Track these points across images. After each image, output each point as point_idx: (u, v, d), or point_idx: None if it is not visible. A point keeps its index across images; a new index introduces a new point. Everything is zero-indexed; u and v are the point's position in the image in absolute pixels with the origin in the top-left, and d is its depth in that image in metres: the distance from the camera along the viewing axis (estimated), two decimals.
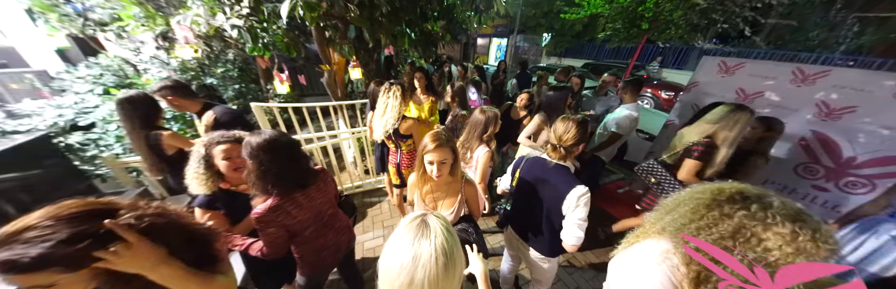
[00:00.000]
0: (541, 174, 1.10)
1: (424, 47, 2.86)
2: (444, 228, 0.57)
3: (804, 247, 0.50)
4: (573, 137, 1.02)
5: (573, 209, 0.98)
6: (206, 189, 0.96)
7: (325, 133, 2.37)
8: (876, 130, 1.66)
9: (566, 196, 0.98)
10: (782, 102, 1.97)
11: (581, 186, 0.97)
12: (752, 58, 2.12)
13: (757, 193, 0.58)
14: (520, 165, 1.21)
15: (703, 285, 0.57)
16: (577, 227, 0.99)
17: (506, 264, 1.57)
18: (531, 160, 1.17)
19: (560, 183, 1.02)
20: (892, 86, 1.61)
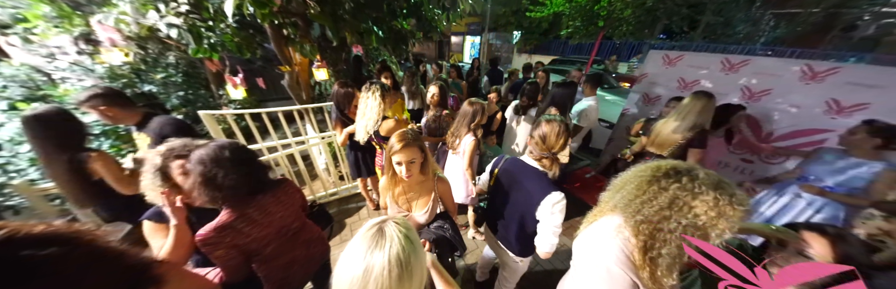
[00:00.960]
0: (518, 177, 1.08)
1: (395, 46, 2.78)
2: (403, 236, 0.55)
3: (724, 211, 0.57)
4: (561, 143, 0.97)
5: (548, 216, 0.97)
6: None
7: (292, 140, 2.24)
8: (787, 108, 1.95)
9: (541, 202, 0.96)
10: (715, 88, 2.23)
11: (556, 192, 0.95)
12: (691, 50, 2.39)
13: (686, 167, 0.65)
14: (498, 164, 1.20)
15: (649, 252, 0.64)
16: (552, 234, 0.98)
17: (487, 252, 1.62)
18: (510, 161, 1.15)
19: (535, 189, 0.99)
20: (797, 71, 1.90)
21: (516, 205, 1.08)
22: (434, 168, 1.11)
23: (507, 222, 1.16)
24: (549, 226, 0.98)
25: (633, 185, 0.69)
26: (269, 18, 1.80)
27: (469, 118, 1.70)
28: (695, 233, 0.60)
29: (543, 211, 0.98)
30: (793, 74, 1.92)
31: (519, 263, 1.23)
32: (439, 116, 2.07)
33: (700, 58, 2.34)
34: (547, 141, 0.97)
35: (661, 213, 0.63)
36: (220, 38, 2.05)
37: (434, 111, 2.11)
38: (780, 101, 1.96)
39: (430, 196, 1.10)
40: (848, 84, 1.75)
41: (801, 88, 1.89)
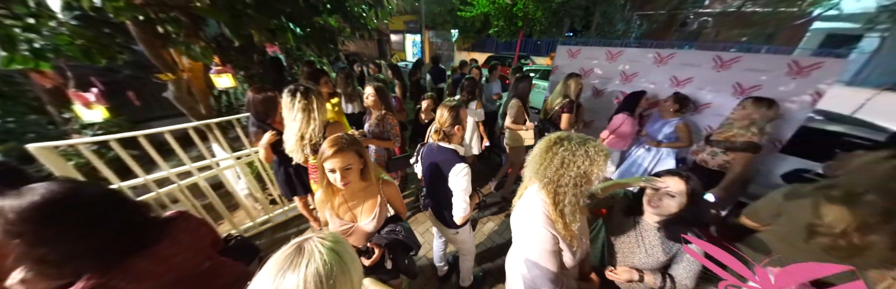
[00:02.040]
0: (433, 157, 1.16)
1: (319, 44, 2.33)
2: (327, 250, 0.47)
3: (595, 159, 0.70)
4: (447, 120, 1.11)
5: (456, 184, 1.05)
6: None
7: (191, 166, 1.72)
8: (647, 85, 2.48)
9: (450, 174, 1.05)
10: (603, 74, 2.70)
11: (460, 163, 1.06)
12: (587, 45, 2.83)
13: (565, 135, 0.76)
14: (420, 153, 1.29)
15: (557, 205, 0.75)
16: (461, 200, 1.07)
17: (437, 243, 1.65)
18: (427, 146, 1.23)
19: (445, 163, 1.08)
20: (651, 57, 2.42)
21: (437, 181, 1.14)
22: (377, 172, 1.04)
23: (436, 199, 1.23)
24: (458, 192, 1.05)
25: (538, 156, 0.79)
26: (127, 13, 1.33)
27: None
28: (581, 180, 0.72)
29: (452, 181, 1.05)
30: (649, 59, 2.44)
31: (457, 234, 1.29)
32: (382, 119, 1.88)
33: (592, 51, 2.78)
34: (441, 120, 1.12)
35: (557, 172, 0.73)
36: (51, 42, 1.41)
37: (376, 114, 1.91)
38: (644, 80, 2.49)
39: (375, 201, 1.01)
40: (681, 65, 2.31)
41: (655, 69, 2.42)
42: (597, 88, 2.84)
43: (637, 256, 0.92)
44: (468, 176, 1.05)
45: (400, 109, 2.49)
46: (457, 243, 1.40)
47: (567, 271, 0.85)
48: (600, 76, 2.74)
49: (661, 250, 0.88)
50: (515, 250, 0.93)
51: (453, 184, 1.07)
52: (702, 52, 2.23)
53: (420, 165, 1.35)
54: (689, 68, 2.28)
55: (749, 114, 1.68)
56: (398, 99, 2.52)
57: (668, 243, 0.87)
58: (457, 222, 1.13)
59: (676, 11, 9.25)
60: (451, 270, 1.75)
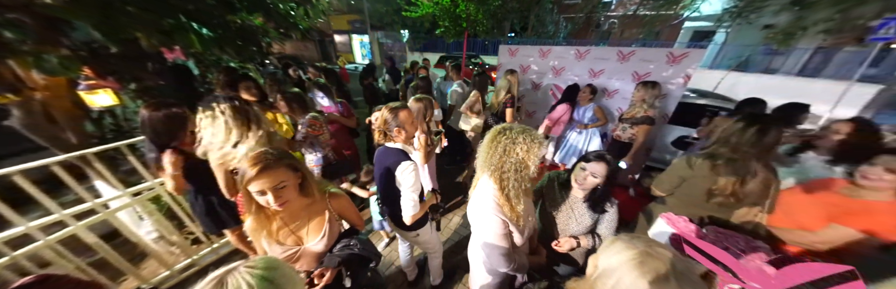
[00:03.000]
0: (383, 160, 1.11)
1: (238, 47, 1.92)
2: (258, 280, 0.42)
3: (531, 147, 0.76)
4: (383, 123, 1.08)
5: (402, 182, 1.01)
6: None
7: (63, 214, 1.23)
8: (572, 77, 2.82)
9: (396, 173, 1.01)
10: (538, 69, 2.98)
11: (406, 161, 1.01)
12: (524, 45, 3.08)
13: (508, 126, 0.81)
14: (374, 157, 1.20)
15: (504, 191, 0.80)
16: (409, 198, 1.02)
17: (402, 248, 1.55)
18: (378, 151, 1.16)
19: (392, 163, 1.04)
20: (573, 53, 2.74)
21: (389, 185, 1.08)
22: (322, 185, 0.90)
23: (392, 202, 1.14)
24: (405, 189, 1.00)
25: (485, 146, 0.82)
26: None
27: (420, 115, 1.60)
28: (520, 166, 0.77)
29: (399, 179, 1.01)
30: (572, 55, 2.76)
31: (418, 236, 1.23)
32: (317, 124, 1.67)
33: (527, 49, 3.03)
34: (378, 123, 1.09)
35: (501, 160, 0.77)
36: None
37: (299, 120, 1.69)
38: (569, 74, 2.82)
39: (323, 217, 0.86)
40: (596, 59, 2.67)
41: (577, 64, 2.76)
42: (534, 81, 3.12)
43: (571, 225, 1.06)
44: (414, 172, 1.01)
45: (348, 114, 2.24)
46: (421, 245, 1.32)
47: (518, 248, 0.90)
48: (536, 71, 3.02)
49: (589, 217, 1.05)
50: (474, 238, 0.95)
51: (400, 182, 1.02)
52: (609, 48, 2.61)
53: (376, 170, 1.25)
54: (602, 61, 2.65)
55: (642, 95, 2.06)
56: (345, 104, 2.27)
57: (592, 211, 1.04)
58: (406, 222, 1.06)
59: (592, 15, 10.44)
60: (422, 272, 1.67)
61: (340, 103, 2.22)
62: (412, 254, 1.57)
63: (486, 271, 0.98)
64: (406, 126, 1.08)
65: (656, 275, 0.43)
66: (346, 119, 2.24)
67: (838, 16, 6.29)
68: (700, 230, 1.01)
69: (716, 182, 1.06)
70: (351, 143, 2.38)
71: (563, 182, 1.10)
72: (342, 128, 2.24)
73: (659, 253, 0.46)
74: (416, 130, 1.16)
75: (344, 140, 2.28)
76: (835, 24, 6.41)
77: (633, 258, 0.46)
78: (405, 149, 1.11)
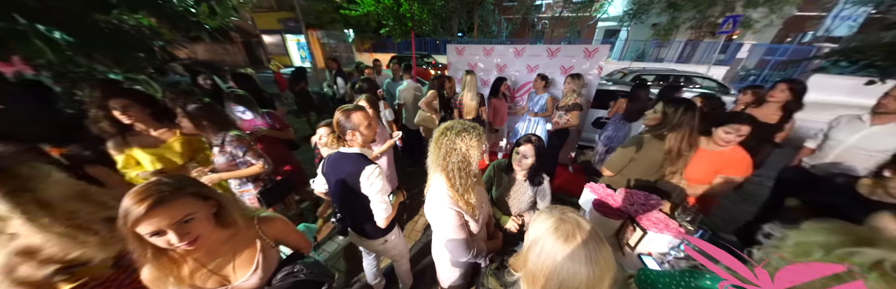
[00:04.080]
0: (340, 167, 0.99)
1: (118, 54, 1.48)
2: None
3: (471, 143, 0.76)
4: (336, 124, 0.98)
5: (369, 187, 0.93)
6: None
7: None
8: (514, 73, 2.98)
9: (361, 179, 0.92)
10: (484, 67, 3.07)
11: (370, 165, 0.93)
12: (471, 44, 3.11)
13: (451, 124, 0.80)
14: (324, 163, 1.05)
15: (454, 185, 0.80)
16: (379, 201, 0.95)
17: (367, 261, 1.37)
18: (329, 158, 1.04)
19: (354, 169, 0.94)
20: (512, 51, 2.88)
21: (348, 194, 0.98)
22: (248, 211, 0.74)
23: (353, 213, 1.05)
24: (374, 194, 0.93)
25: (431, 147, 0.81)
26: None
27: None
28: (463, 164, 0.77)
29: (365, 185, 0.92)
30: (511, 53, 2.89)
31: (387, 242, 1.12)
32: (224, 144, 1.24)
33: (473, 48, 3.08)
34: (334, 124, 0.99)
35: (447, 157, 0.77)
36: None
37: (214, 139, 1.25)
38: (511, 69, 2.97)
39: (254, 248, 0.70)
40: (531, 55, 2.84)
41: (516, 60, 2.91)
42: (482, 78, 3.21)
43: (521, 201, 1.15)
44: (381, 175, 0.93)
45: (281, 125, 1.84)
46: (388, 253, 1.20)
47: (476, 236, 0.91)
48: (483, 69, 3.10)
49: (530, 190, 1.14)
50: (435, 235, 0.92)
51: (367, 188, 0.93)
52: (541, 46, 2.81)
53: (324, 182, 1.09)
54: (536, 58, 2.84)
55: (571, 86, 2.31)
56: (274, 115, 1.84)
57: (531, 184, 1.14)
58: (381, 225, 0.98)
59: (527, 16, 11.00)
60: (390, 281, 1.52)
61: (268, 114, 1.81)
62: (379, 266, 1.42)
63: (450, 264, 0.97)
64: (361, 129, 0.97)
65: (567, 236, 0.48)
66: (280, 132, 1.82)
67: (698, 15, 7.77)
68: (614, 192, 1.19)
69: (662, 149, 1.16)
70: (290, 157, 1.97)
71: (505, 168, 1.18)
72: (276, 142, 1.83)
73: (569, 218, 0.50)
74: (375, 132, 1.06)
75: (281, 155, 1.80)
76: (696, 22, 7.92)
77: (551, 226, 0.50)
78: (364, 152, 1.02)
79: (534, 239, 0.52)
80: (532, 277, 0.52)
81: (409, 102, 2.74)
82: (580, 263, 0.46)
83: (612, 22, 10.32)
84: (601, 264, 0.47)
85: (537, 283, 0.51)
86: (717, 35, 6.08)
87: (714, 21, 7.34)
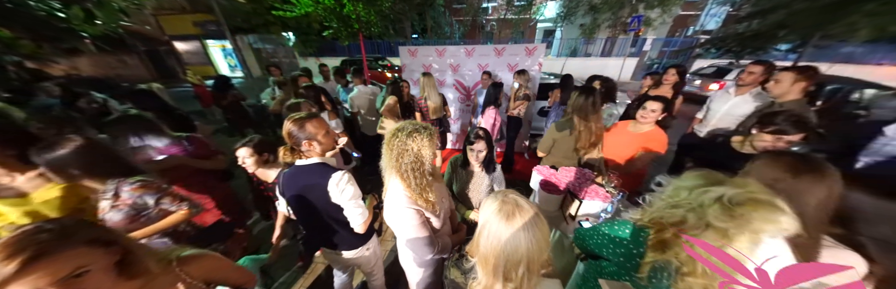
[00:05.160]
0: (300, 181, 0.88)
1: None
2: None
3: (423, 143, 0.74)
4: (287, 135, 0.86)
5: (340, 194, 0.85)
6: None
7: None
8: (466, 72, 3.01)
9: (329, 189, 0.84)
10: (439, 68, 3.03)
11: (336, 172, 0.85)
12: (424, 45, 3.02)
13: (401, 125, 0.76)
14: (280, 182, 0.94)
15: (410, 185, 0.77)
16: (354, 206, 0.87)
17: (339, 281, 1.21)
18: (284, 175, 0.92)
19: (319, 180, 0.85)
20: (463, 51, 2.88)
21: (313, 209, 0.88)
22: (166, 253, 0.58)
23: (323, 228, 0.93)
24: (347, 201, 0.86)
25: (384, 151, 0.78)
26: None
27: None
28: (417, 164, 0.75)
29: (335, 193, 0.85)
30: (463, 53, 2.89)
31: (368, 250, 1.02)
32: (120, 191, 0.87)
33: (426, 50, 3.01)
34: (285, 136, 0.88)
35: (399, 158, 0.74)
36: None
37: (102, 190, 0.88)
38: (464, 68, 2.98)
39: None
40: (480, 55, 2.88)
41: (467, 60, 2.93)
42: (438, 79, 3.17)
43: (477, 194, 1.17)
44: (352, 180, 0.86)
45: (207, 152, 1.33)
46: (365, 265, 1.08)
47: (440, 231, 0.88)
48: (438, 69, 3.06)
49: (487, 182, 1.18)
50: (398, 236, 0.86)
51: (338, 196, 0.84)
52: (489, 46, 2.87)
53: (283, 201, 0.97)
54: (485, 57, 2.89)
55: (519, 80, 2.43)
56: (195, 138, 1.32)
57: (488, 175, 1.17)
58: (360, 231, 0.91)
59: (477, 18, 11.18)
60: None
61: (188, 139, 1.29)
62: (352, 283, 1.24)
63: (418, 265, 0.93)
64: (319, 137, 0.87)
65: (508, 216, 0.49)
66: (206, 161, 1.31)
67: (612, 16, 8.74)
68: (556, 172, 1.27)
69: (574, 137, 1.34)
70: (221, 190, 1.41)
71: (462, 163, 1.19)
72: (201, 174, 1.31)
73: (510, 199, 0.51)
74: (333, 140, 0.95)
75: (209, 190, 1.32)
76: (612, 22, 8.91)
77: (495, 208, 0.51)
78: (325, 161, 0.90)
79: (482, 223, 0.53)
80: (484, 258, 0.52)
81: (365, 108, 2.53)
82: (520, 238, 0.48)
83: (549, 23, 11.11)
84: (538, 237, 0.48)
85: (489, 263, 0.51)
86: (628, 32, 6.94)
87: (624, 20, 8.35)
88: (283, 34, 7.62)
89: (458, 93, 3.12)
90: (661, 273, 0.56)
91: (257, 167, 1.16)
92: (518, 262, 0.48)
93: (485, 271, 0.53)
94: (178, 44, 8.24)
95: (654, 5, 7.83)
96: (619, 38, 9.50)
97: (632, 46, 8.93)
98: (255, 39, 8.12)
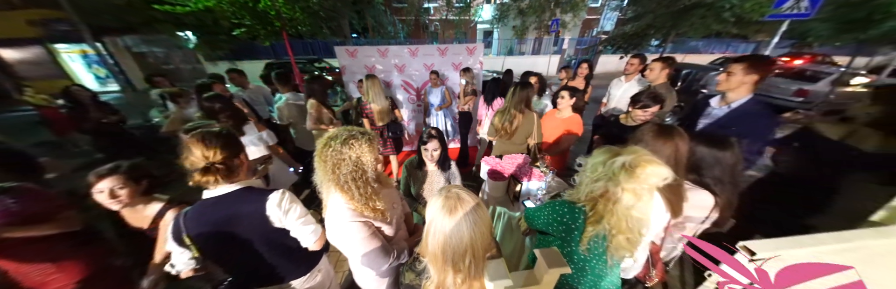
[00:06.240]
0: (222, 214, 0.72)
1: None
2: None
3: (362, 148, 0.68)
4: (220, 151, 0.70)
5: (285, 215, 0.74)
6: None
7: None
8: (413, 72, 2.96)
9: (267, 213, 0.72)
10: (384, 69, 2.89)
11: (274, 193, 0.74)
12: (364, 45, 2.78)
13: (335, 133, 0.70)
14: (181, 224, 0.72)
15: (352, 196, 0.70)
16: (305, 224, 0.77)
17: None
18: (192, 211, 0.73)
19: (250, 207, 0.72)
20: (408, 51, 2.79)
21: (249, 239, 0.73)
22: None
23: (258, 263, 0.78)
24: (294, 221, 0.75)
25: (316, 164, 0.70)
26: None
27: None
28: (358, 173, 0.68)
29: (279, 216, 0.73)
30: (407, 53, 2.81)
31: (320, 272, 0.89)
32: None
33: (366, 50, 2.81)
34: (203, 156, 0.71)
35: (336, 170, 0.67)
36: None
37: None
38: (410, 69, 2.92)
39: None
40: (425, 55, 2.85)
41: (413, 60, 2.86)
42: (384, 80, 3.03)
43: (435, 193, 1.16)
44: (294, 197, 0.76)
45: (47, 209, 0.86)
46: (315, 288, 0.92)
47: (395, 237, 0.82)
48: (383, 70, 2.91)
49: (443, 180, 1.19)
50: (347, 255, 0.77)
51: (283, 219, 0.73)
52: (432, 46, 2.86)
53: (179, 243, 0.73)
54: (430, 57, 2.87)
55: (466, 78, 2.53)
56: (33, 191, 0.85)
57: (443, 173, 1.19)
58: (316, 247, 0.79)
59: (420, 18, 10.99)
60: None
61: (9, 192, 0.81)
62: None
63: (379, 276, 0.84)
64: (240, 156, 0.75)
65: (450, 210, 0.49)
66: (42, 225, 0.83)
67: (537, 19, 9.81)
68: (500, 160, 1.38)
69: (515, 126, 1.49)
70: (85, 259, 0.92)
71: (417, 164, 1.18)
72: (44, 241, 0.83)
73: (452, 194, 0.52)
74: (247, 158, 0.80)
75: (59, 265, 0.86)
76: (538, 24, 10.00)
77: (439, 205, 0.51)
78: (250, 184, 0.77)
79: (429, 221, 0.53)
80: (433, 255, 0.52)
81: (298, 118, 2.13)
82: (463, 228, 0.49)
83: (487, 24, 11.75)
84: (479, 224, 0.50)
85: (439, 259, 0.51)
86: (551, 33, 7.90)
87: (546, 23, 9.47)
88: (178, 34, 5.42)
89: (407, 93, 3.05)
90: (596, 240, 0.66)
91: (128, 204, 0.85)
92: (464, 252, 0.49)
93: (436, 267, 0.53)
94: (5, 51, 5.43)
95: (568, 10, 9.12)
96: (545, 39, 10.77)
97: (554, 45, 10.30)
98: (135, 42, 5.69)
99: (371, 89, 2.02)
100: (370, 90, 2.02)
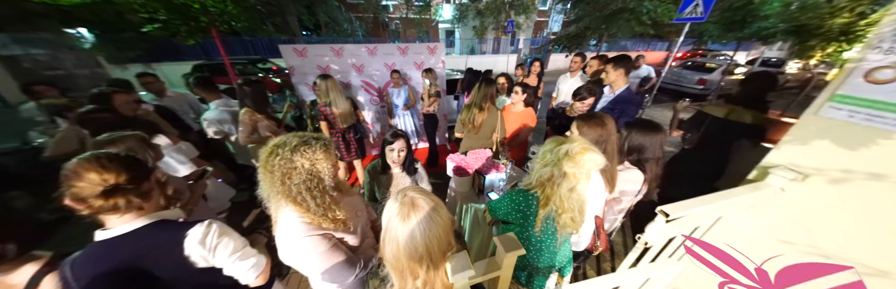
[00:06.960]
0: (124, 259, 0.56)
1: None
2: None
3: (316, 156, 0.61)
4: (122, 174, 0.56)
5: (212, 251, 0.61)
6: None
7: None
8: (373, 72, 2.80)
9: (186, 251, 0.58)
10: (340, 69, 2.67)
11: (195, 226, 0.61)
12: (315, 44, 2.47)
13: (282, 140, 0.62)
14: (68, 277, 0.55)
15: (307, 208, 0.62)
16: (242, 259, 0.64)
17: None
18: (82, 256, 0.57)
19: (163, 246, 0.58)
20: (365, 50, 2.61)
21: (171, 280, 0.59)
22: None
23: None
24: (227, 258, 0.63)
25: (261, 176, 0.62)
26: None
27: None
28: (312, 183, 0.61)
29: (204, 255, 0.60)
30: (365, 52, 2.62)
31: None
32: None
33: (317, 49, 2.53)
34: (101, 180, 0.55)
35: (286, 180, 0.60)
36: None
37: None
38: (369, 68, 2.75)
39: None
40: (385, 54, 2.72)
41: (372, 60, 2.70)
42: (342, 81, 2.80)
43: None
44: (223, 227, 0.64)
45: None
46: None
47: (360, 247, 0.76)
48: (339, 71, 2.69)
49: (409, 180, 1.16)
50: (306, 273, 0.69)
51: (211, 257, 0.61)
52: (392, 45, 2.72)
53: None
54: (390, 56, 2.75)
55: (429, 78, 2.48)
56: None
57: (410, 176, 1.16)
58: (256, 282, 0.67)
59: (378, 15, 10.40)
60: None
61: None
62: None
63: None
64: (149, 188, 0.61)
65: (404, 216, 0.47)
66: None
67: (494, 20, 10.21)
68: (465, 157, 1.41)
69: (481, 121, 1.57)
70: None
71: (381, 168, 1.13)
72: None
73: (407, 199, 0.49)
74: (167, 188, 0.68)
75: None
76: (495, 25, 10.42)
77: (394, 210, 0.49)
78: (163, 217, 0.62)
79: (384, 227, 0.50)
80: (390, 262, 0.51)
81: (233, 129, 1.81)
82: (416, 235, 0.47)
83: (448, 24, 11.77)
84: (434, 230, 0.48)
85: (397, 264, 0.50)
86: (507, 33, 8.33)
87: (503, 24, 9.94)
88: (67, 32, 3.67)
89: (368, 94, 2.88)
90: (548, 222, 0.74)
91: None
92: (420, 258, 0.47)
93: (395, 273, 0.51)
94: None
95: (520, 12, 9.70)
96: (503, 38, 11.31)
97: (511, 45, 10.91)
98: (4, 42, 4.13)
99: (331, 90, 1.83)
100: (330, 92, 1.83)
